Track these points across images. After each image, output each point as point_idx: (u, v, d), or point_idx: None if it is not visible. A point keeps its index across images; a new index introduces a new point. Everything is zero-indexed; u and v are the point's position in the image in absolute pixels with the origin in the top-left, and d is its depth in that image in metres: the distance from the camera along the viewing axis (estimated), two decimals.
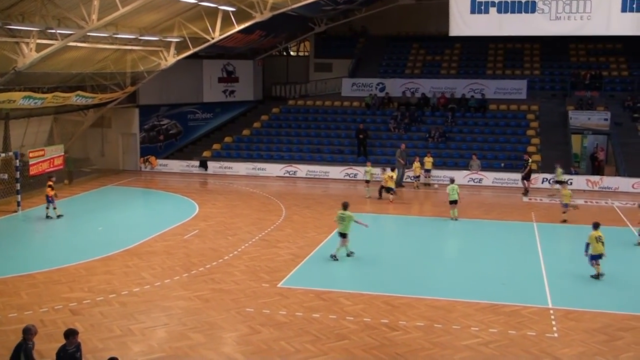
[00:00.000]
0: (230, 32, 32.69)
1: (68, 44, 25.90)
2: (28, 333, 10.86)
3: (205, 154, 40.02)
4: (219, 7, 30.49)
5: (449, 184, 26.84)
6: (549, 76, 44.07)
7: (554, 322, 15.81)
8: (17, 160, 28.03)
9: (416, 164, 33.94)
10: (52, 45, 25.21)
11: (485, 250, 22.37)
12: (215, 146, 40.88)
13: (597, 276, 18.97)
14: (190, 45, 33.45)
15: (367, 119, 41.21)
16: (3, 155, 29.04)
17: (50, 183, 26.41)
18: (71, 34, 25.13)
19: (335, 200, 30.04)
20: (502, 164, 35.73)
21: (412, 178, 34.19)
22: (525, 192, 32.17)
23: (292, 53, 52.02)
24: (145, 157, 39.12)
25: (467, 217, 26.86)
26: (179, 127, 42.07)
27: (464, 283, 19.08)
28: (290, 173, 36.91)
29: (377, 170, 31.88)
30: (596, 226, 19.30)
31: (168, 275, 19.30)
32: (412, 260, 21.36)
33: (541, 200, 30.98)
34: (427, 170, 34.52)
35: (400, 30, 47.97)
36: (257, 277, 19.13)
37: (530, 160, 32.69)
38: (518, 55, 45.94)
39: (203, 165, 38.24)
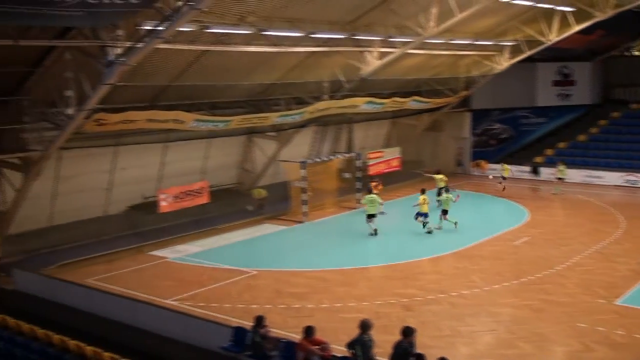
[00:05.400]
0: (568, 33, 31.30)
1: (406, 52, 27.15)
2: (368, 329, 11.55)
3: (537, 159, 38.89)
4: (557, 7, 29.39)
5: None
6: None
7: None
8: (359, 161, 30.28)
9: None
10: (392, 52, 26.67)
11: None
12: (548, 151, 39.49)
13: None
14: (525, 48, 32.84)
15: None
16: (347, 155, 31.67)
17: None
18: (410, 42, 26.30)
19: None
20: None
21: None
22: None
23: (635, 53, 47.97)
24: (476, 161, 39.39)
25: None
26: (511, 131, 41.61)
27: None
28: (631, 182, 34.12)
29: None
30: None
31: (497, 280, 19.18)
32: None
33: None
34: None
35: None
36: (591, 292, 18.06)
37: None
38: None
39: (535, 171, 37.20)
